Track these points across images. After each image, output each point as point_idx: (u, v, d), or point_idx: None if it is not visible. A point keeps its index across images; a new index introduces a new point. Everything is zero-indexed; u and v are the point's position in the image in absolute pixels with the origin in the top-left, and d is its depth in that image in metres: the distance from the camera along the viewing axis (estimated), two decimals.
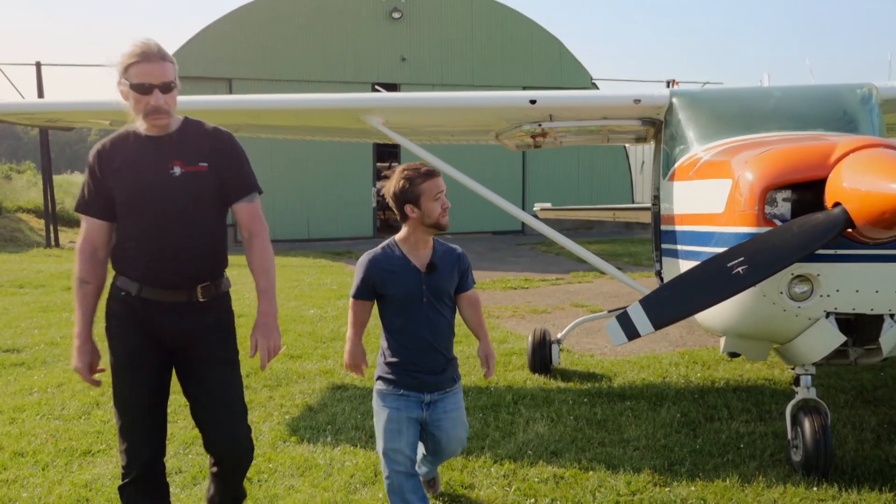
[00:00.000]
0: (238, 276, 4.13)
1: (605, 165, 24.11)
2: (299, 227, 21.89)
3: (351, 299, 3.56)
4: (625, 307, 3.82)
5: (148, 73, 3.00)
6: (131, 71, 3.01)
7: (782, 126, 5.20)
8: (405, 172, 3.35)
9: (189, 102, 6.36)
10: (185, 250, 3.14)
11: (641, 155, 24.60)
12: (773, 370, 6.78)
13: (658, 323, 3.79)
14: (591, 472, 4.48)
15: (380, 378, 3.51)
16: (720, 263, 3.62)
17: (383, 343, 3.54)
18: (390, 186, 3.42)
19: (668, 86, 21.69)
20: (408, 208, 3.37)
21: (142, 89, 3.01)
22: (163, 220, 3.12)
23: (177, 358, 3.28)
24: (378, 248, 3.50)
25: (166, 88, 3.06)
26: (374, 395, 3.53)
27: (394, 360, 3.47)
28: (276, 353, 3.19)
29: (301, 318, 9.72)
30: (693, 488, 4.27)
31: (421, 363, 3.44)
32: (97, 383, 3.30)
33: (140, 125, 3.10)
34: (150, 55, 3.03)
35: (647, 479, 4.40)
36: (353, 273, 3.54)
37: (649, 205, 6.78)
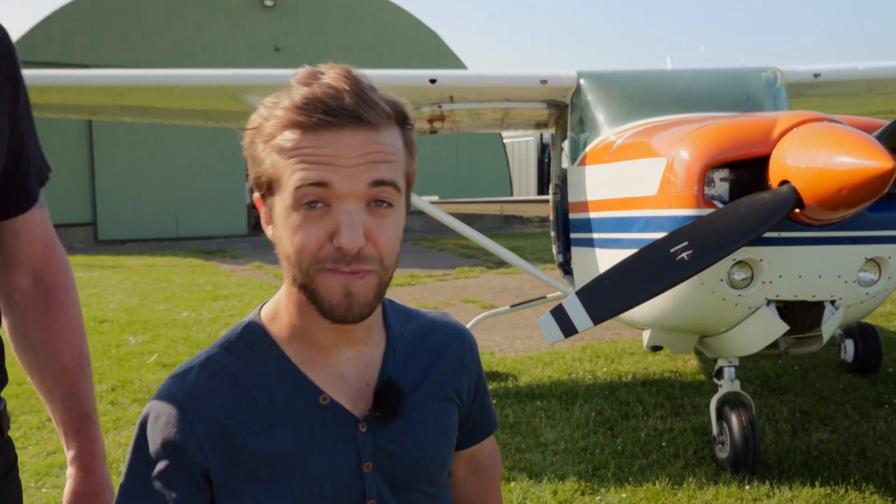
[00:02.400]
0: None
1: (484, 157, 24.03)
2: (167, 225, 20.64)
3: None
4: (532, 300, 3.45)
5: None
6: None
7: (694, 108, 5.00)
8: (266, 101, 1.14)
9: (39, 77, 5.54)
10: None
11: (522, 148, 24.72)
12: (676, 361, 6.65)
13: (597, 317, 3.42)
14: (513, 483, 4.09)
15: None
16: (662, 249, 3.27)
17: None
18: None
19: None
20: (257, 202, 1.17)
21: None
22: None
23: None
24: (203, 357, 1.16)
25: None
26: None
27: None
28: None
29: (174, 322, 8.87)
30: (623, 494, 3.96)
31: None
32: None
33: None
34: None
35: (573, 486, 4.05)
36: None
37: (537, 197, 6.50)
